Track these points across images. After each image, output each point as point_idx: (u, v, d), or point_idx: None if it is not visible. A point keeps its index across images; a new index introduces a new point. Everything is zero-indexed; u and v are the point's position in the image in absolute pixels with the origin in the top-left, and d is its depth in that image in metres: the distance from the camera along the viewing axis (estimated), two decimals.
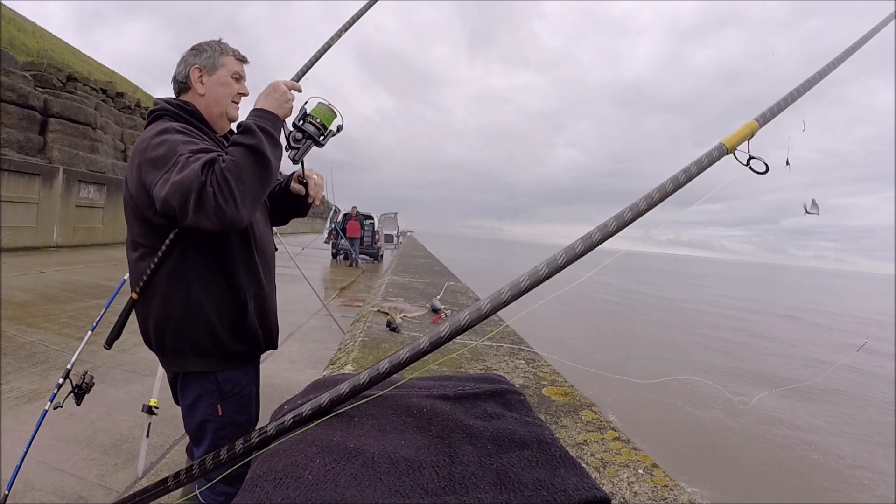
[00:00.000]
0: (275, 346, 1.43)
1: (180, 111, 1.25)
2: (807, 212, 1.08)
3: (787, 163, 1.04)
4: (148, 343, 1.26)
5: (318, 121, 1.22)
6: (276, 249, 1.51)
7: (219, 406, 1.25)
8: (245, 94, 1.36)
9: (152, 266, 1.17)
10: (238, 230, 1.18)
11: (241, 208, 0.99)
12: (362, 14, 1.90)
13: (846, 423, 7.16)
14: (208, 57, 1.29)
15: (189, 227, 1.01)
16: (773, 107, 1.06)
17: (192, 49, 1.31)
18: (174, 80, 1.31)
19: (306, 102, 1.23)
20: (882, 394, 9.01)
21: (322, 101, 1.23)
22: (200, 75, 1.28)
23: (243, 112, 1.35)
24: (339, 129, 1.27)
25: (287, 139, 1.22)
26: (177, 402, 1.33)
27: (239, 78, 1.33)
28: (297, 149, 1.23)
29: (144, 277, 1.18)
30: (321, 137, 1.23)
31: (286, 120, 1.20)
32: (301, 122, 1.22)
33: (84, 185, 11.58)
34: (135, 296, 1.24)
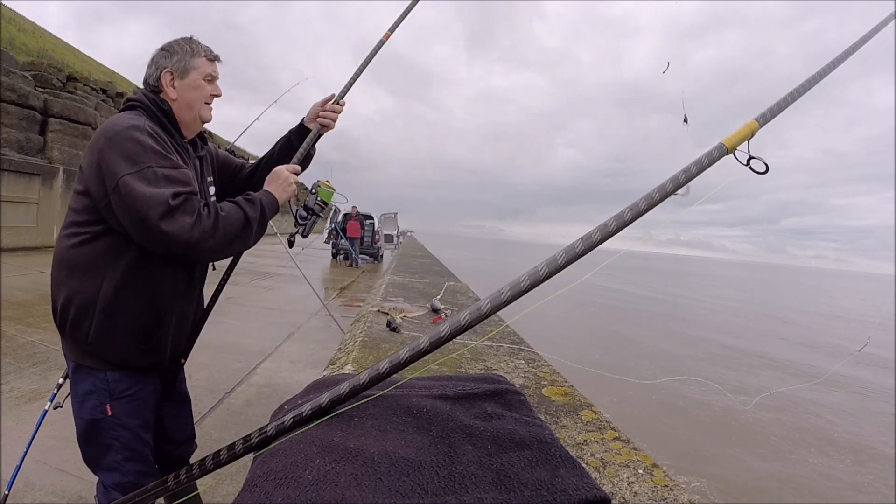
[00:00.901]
0: (179, 363, 1.45)
1: (156, 108, 1.23)
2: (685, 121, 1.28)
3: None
4: (54, 319, 1.23)
5: (319, 199, 1.39)
6: (214, 268, 1.52)
7: (108, 406, 1.21)
8: (218, 95, 1.32)
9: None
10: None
11: (205, 245, 1.05)
12: (402, 19, 1.77)
13: (847, 423, 7.16)
14: (179, 59, 1.25)
15: (144, 236, 1.05)
16: (773, 107, 1.06)
17: (163, 50, 1.26)
18: (145, 82, 1.27)
19: (316, 185, 1.40)
20: (883, 394, 9.01)
21: (322, 182, 1.39)
22: (172, 79, 1.24)
23: (217, 113, 1.36)
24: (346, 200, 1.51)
25: (294, 217, 1.38)
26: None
27: (211, 79, 1.30)
28: (305, 225, 1.39)
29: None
30: (322, 212, 1.41)
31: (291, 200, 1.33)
32: (313, 204, 1.38)
33: None
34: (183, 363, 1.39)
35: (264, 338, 4.98)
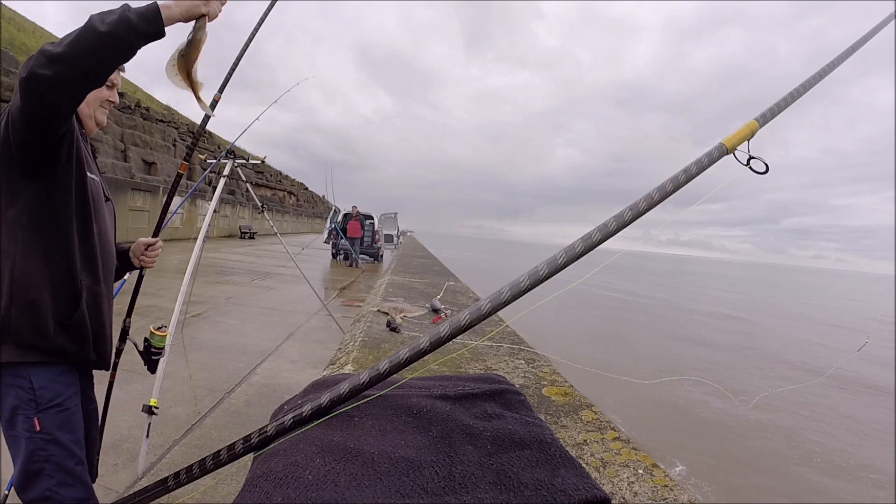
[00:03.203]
0: (107, 366, 1.28)
1: None
2: None
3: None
4: None
5: (154, 347, 1.55)
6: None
7: (35, 420, 1.05)
8: (114, 102, 1.30)
9: None
10: (76, 195, 1.12)
11: (55, 55, 0.89)
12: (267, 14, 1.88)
13: (848, 422, 7.16)
14: None
15: (24, 100, 0.92)
16: (773, 107, 1.06)
17: None
18: None
19: (147, 336, 1.55)
20: (883, 393, 9.01)
21: (153, 332, 1.54)
22: None
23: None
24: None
25: (145, 359, 1.54)
26: None
27: (112, 86, 1.28)
28: (154, 363, 1.57)
29: None
30: (161, 354, 1.58)
31: None
32: (149, 351, 1.54)
33: None
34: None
35: (264, 338, 4.98)
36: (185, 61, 1.13)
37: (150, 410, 2.23)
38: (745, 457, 5.51)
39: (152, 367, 1.58)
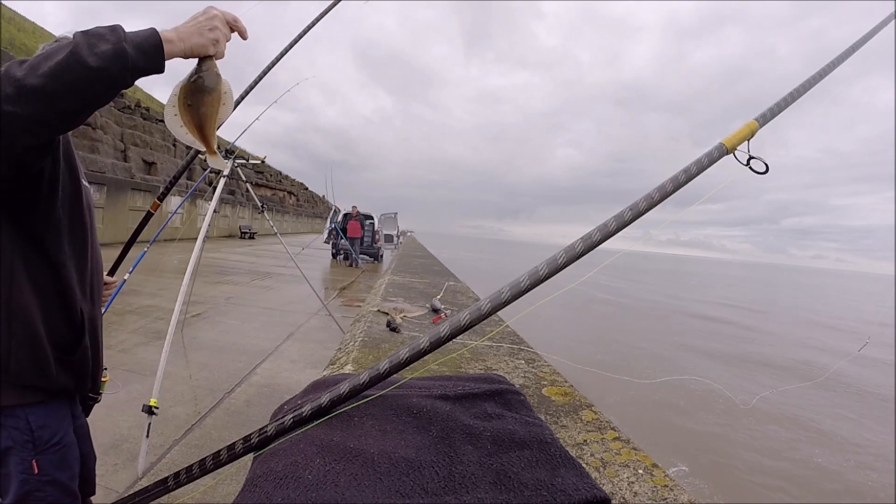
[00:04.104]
0: (97, 391, 1.22)
1: None
2: None
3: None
4: None
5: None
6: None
7: (33, 462, 1.00)
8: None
9: None
10: (71, 212, 1.01)
11: (18, 101, 0.70)
12: (325, 14, 1.92)
13: (848, 423, 7.16)
14: None
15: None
16: (773, 107, 1.06)
17: None
18: None
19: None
20: (883, 394, 9.01)
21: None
22: None
23: None
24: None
25: (80, 401, 1.40)
26: None
27: None
28: (87, 410, 1.41)
29: None
30: (96, 400, 1.42)
31: None
32: (91, 396, 1.39)
33: None
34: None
35: (264, 338, 4.98)
36: (196, 112, 0.91)
37: (150, 410, 2.23)
38: (745, 456, 5.51)
39: (86, 410, 1.42)
